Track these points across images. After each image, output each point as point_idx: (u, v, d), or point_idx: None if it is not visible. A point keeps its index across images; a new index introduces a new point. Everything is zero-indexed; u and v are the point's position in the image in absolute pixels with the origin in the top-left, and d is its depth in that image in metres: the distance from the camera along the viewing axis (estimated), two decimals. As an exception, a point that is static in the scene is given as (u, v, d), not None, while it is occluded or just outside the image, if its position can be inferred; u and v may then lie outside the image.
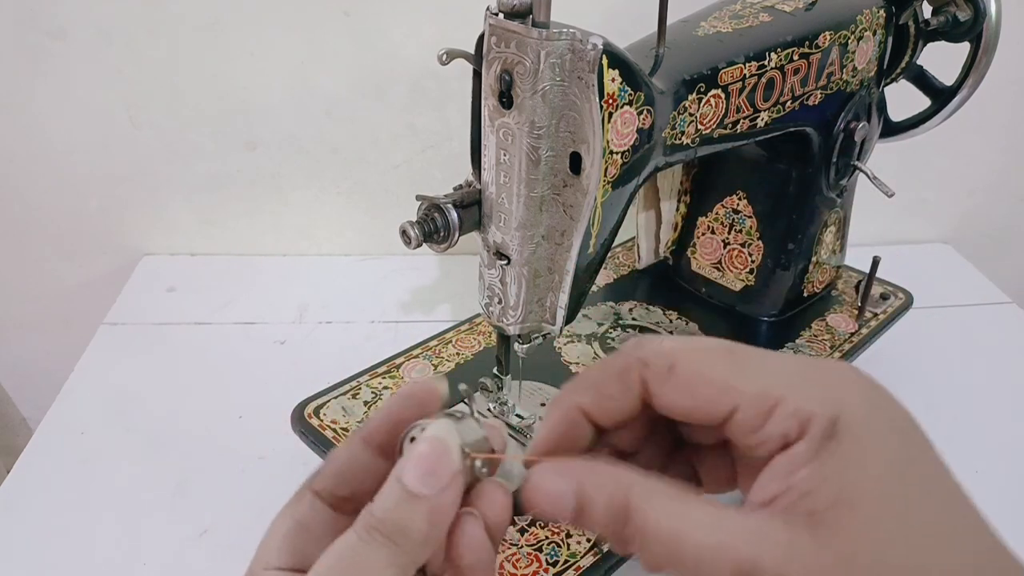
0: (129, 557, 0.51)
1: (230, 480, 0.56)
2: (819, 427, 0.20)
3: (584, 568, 0.42)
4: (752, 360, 0.23)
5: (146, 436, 0.60)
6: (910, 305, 0.65)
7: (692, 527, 0.21)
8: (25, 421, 0.93)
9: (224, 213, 0.81)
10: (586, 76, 0.33)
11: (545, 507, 0.23)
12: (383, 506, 0.23)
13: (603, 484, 0.22)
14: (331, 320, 0.74)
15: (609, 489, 0.22)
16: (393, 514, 0.22)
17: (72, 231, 0.80)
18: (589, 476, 0.23)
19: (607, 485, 0.22)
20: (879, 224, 0.84)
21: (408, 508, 0.22)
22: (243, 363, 0.68)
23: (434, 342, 0.59)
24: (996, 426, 0.64)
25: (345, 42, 0.72)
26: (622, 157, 0.37)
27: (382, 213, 0.82)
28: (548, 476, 0.23)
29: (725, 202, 0.62)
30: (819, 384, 0.22)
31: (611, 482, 0.22)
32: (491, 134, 0.36)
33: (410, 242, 0.38)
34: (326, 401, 0.52)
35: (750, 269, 0.62)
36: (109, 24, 0.69)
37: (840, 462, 0.20)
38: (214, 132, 0.76)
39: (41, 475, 0.57)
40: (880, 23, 0.54)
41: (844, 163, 0.57)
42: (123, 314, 0.74)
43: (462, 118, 0.39)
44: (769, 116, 0.48)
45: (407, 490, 0.22)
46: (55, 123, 0.74)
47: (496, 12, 0.33)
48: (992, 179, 0.88)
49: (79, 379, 0.66)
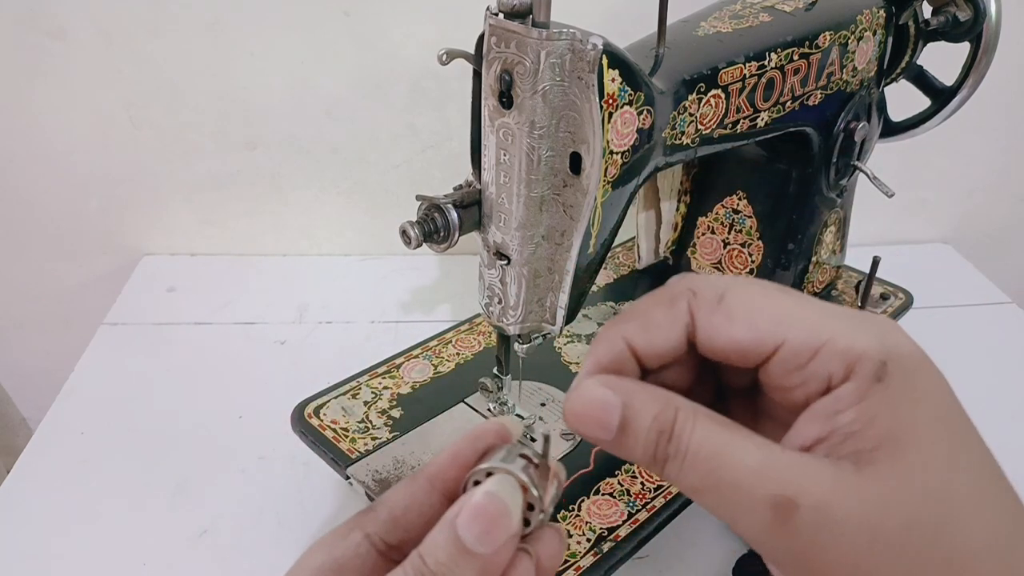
0: (129, 557, 0.51)
1: (230, 480, 0.56)
2: (869, 368, 0.20)
3: (584, 568, 0.42)
4: (802, 299, 0.22)
5: (146, 436, 0.60)
6: (910, 305, 0.65)
7: (735, 450, 0.20)
8: (25, 421, 0.93)
9: (224, 213, 0.81)
10: (586, 76, 0.33)
11: (590, 418, 0.22)
12: (436, 557, 0.22)
13: (652, 400, 0.22)
14: (331, 320, 0.74)
15: (658, 406, 0.22)
16: (445, 567, 0.22)
17: (72, 231, 0.80)
18: (638, 392, 0.22)
19: (656, 402, 0.22)
20: (879, 224, 0.84)
21: (462, 561, 0.22)
22: (243, 363, 0.68)
23: (434, 342, 0.59)
24: (996, 426, 0.63)
25: (345, 42, 0.72)
26: (622, 157, 0.37)
27: (382, 213, 0.82)
28: (597, 387, 0.22)
29: (725, 202, 0.62)
30: (869, 329, 0.21)
31: (660, 400, 0.22)
32: (491, 134, 0.36)
33: (410, 242, 0.38)
34: (326, 401, 0.52)
35: (750, 269, 0.62)
36: (109, 24, 0.69)
37: (889, 404, 0.20)
38: (214, 132, 0.76)
39: (41, 475, 0.57)
40: (880, 23, 0.54)
41: (844, 163, 0.57)
42: (123, 314, 0.74)
43: (462, 118, 0.39)
44: (769, 116, 0.48)
45: (462, 544, 0.22)
46: (55, 123, 0.74)
47: (496, 12, 0.33)
48: (992, 179, 0.88)
49: (79, 379, 0.66)
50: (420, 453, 0.48)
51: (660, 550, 0.51)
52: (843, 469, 0.19)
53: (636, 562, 0.49)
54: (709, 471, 0.20)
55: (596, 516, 0.45)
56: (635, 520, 0.45)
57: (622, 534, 0.44)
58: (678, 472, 0.21)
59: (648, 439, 0.22)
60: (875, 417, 0.20)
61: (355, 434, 0.50)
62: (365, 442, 0.49)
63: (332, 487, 0.55)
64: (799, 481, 0.19)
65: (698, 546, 0.52)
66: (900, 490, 0.19)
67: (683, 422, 0.21)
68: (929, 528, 0.19)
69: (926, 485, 0.19)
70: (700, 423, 0.21)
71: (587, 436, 0.22)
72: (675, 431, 0.21)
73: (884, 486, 0.19)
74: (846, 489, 0.19)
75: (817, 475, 0.19)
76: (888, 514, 0.19)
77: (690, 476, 0.21)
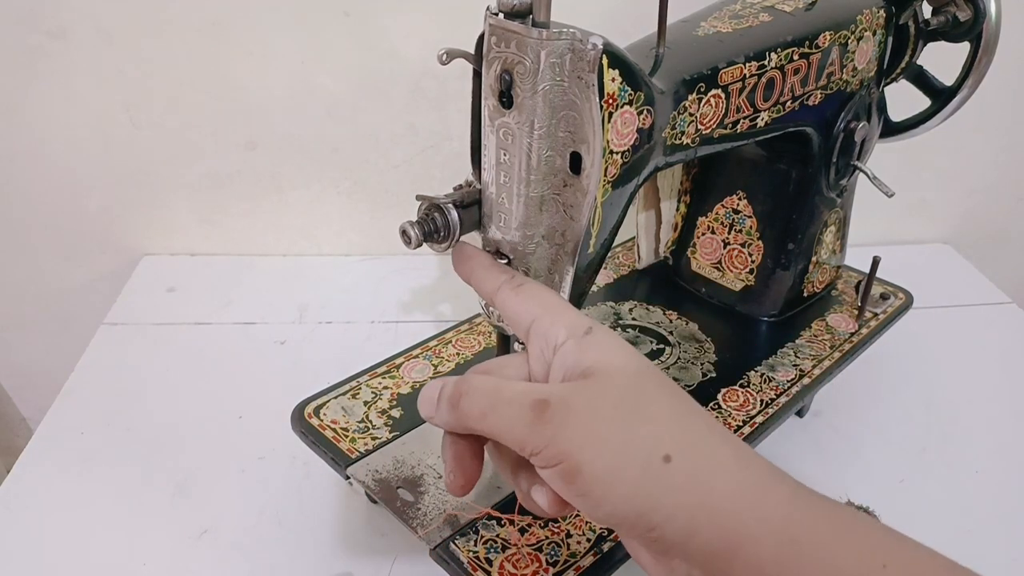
0: (129, 557, 0.51)
1: (230, 480, 0.56)
2: (580, 330, 0.32)
3: (584, 568, 0.42)
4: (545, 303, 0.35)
5: (146, 436, 0.60)
6: (910, 305, 0.65)
7: (505, 382, 0.32)
8: (25, 421, 0.93)
9: (224, 213, 0.81)
10: (586, 76, 0.33)
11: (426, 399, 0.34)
12: None
13: (451, 382, 0.33)
14: (331, 320, 0.74)
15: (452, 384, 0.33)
16: None
17: (72, 231, 0.80)
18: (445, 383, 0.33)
19: (449, 384, 0.33)
20: (879, 224, 0.84)
21: None
22: (243, 363, 0.68)
23: (434, 342, 0.59)
24: (996, 426, 0.64)
25: (345, 42, 0.72)
26: (622, 157, 0.37)
27: (382, 213, 0.82)
28: (432, 384, 0.34)
29: (725, 202, 0.62)
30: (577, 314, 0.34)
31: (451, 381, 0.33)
32: (491, 134, 0.36)
33: (410, 242, 0.38)
34: (326, 401, 0.52)
35: (750, 269, 0.62)
36: (109, 24, 0.69)
37: (597, 346, 0.31)
38: (214, 132, 0.76)
39: (41, 475, 0.57)
40: (880, 23, 0.54)
41: (844, 163, 0.57)
42: (123, 314, 0.74)
43: (462, 118, 0.39)
44: (769, 116, 0.48)
45: None
46: (55, 123, 0.74)
47: (496, 12, 0.33)
48: (992, 179, 0.88)
49: (79, 379, 0.66)
50: (420, 453, 0.48)
51: (660, 550, 0.51)
52: (574, 382, 0.30)
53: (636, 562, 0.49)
54: (488, 396, 0.31)
55: (596, 516, 0.45)
56: (635, 520, 0.45)
57: (622, 534, 0.44)
58: (469, 404, 0.31)
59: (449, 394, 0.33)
60: (587, 351, 0.31)
61: (355, 434, 0.50)
62: (365, 442, 0.49)
63: (332, 487, 0.55)
64: (548, 391, 0.30)
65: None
66: (609, 386, 0.30)
67: (466, 379, 0.33)
68: (630, 404, 0.29)
69: (626, 382, 0.30)
70: (475, 376, 0.33)
71: (424, 412, 0.34)
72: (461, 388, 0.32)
73: (599, 385, 0.30)
74: (577, 390, 0.30)
75: (559, 387, 0.30)
76: (604, 399, 0.29)
77: (478, 403, 0.31)
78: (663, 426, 0.29)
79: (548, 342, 0.32)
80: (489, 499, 0.45)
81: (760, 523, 0.27)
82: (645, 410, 0.29)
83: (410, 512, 0.44)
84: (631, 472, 0.28)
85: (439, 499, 0.45)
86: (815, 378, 0.56)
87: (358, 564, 0.50)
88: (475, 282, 0.38)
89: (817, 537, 0.27)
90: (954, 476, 0.59)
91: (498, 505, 0.45)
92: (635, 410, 0.29)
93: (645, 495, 0.27)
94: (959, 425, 0.63)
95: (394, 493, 0.45)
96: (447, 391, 0.32)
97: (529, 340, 0.33)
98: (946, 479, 0.58)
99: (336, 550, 0.51)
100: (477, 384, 0.31)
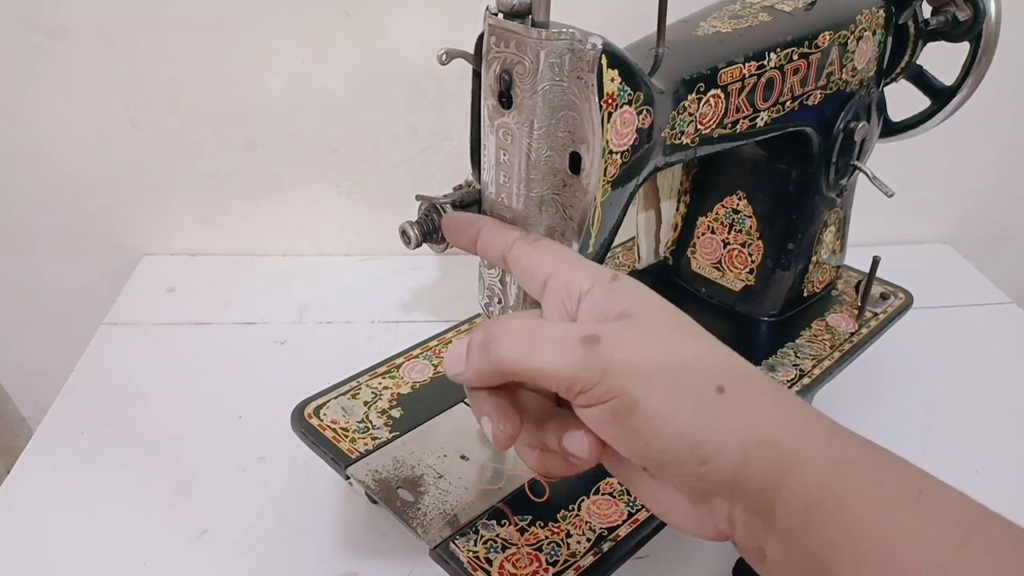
0: (129, 557, 0.51)
1: (230, 480, 0.56)
2: (606, 278, 0.31)
3: (584, 568, 0.42)
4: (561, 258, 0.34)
5: (146, 436, 0.60)
6: (910, 305, 0.65)
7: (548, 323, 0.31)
8: (25, 421, 0.93)
9: (224, 213, 0.81)
10: (586, 76, 0.33)
11: (454, 357, 0.32)
12: None
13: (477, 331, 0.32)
14: (331, 320, 0.74)
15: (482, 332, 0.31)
16: None
17: (72, 231, 0.80)
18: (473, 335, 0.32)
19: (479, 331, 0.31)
20: (879, 224, 0.84)
21: None
22: (243, 363, 0.68)
23: (434, 342, 0.59)
24: (996, 426, 0.64)
25: (345, 42, 0.72)
26: (622, 157, 0.37)
27: (382, 213, 0.82)
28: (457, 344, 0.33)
29: (725, 202, 0.62)
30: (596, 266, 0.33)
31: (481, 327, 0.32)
32: (491, 134, 0.36)
33: (410, 242, 0.38)
34: (326, 401, 0.52)
35: (750, 269, 0.62)
36: (109, 24, 0.69)
37: (625, 291, 0.31)
38: (214, 132, 0.76)
39: (41, 475, 0.57)
40: (880, 23, 0.54)
41: (844, 163, 0.57)
42: (123, 314, 0.74)
43: (462, 118, 0.39)
44: (769, 116, 0.48)
45: None
46: (55, 123, 0.74)
47: (496, 12, 0.33)
48: (992, 179, 0.88)
49: (79, 379, 0.66)
50: (420, 453, 0.48)
51: (660, 550, 0.51)
52: (615, 322, 0.30)
53: (636, 562, 0.49)
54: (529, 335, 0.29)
55: (596, 516, 0.45)
56: (635, 520, 0.45)
57: (622, 534, 0.44)
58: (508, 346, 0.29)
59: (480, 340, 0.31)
60: (618, 296, 0.30)
61: (355, 434, 0.50)
62: (365, 442, 0.49)
63: (332, 487, 0.55)
64: (595, 329, 0.29)
65: (698, 546, 0.52)
66: (653, 323, 0.30)
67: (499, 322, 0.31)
68: (677, 338, 0.30)
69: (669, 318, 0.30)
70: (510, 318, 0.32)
71: (452, 370, 0.32)
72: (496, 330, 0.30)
73: (644, 323, 0.29)
74: (622, 327, 0.29)
75: (603, 325, 0.29)
76: (653, 334, 0.29)
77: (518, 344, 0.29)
78: (713, 359, 0.29)
79: (571, 292, 0.31)
80: (489, 499, 0.45)
81: (807, 448, 0.27)
82: (693, 344, 0.30)
83: (410, 512, 0.44)
84: (686, 404, 0.27)
85: (439, 499, 0.45)
86: (815, 378, 0.56)
87: (358, 564, 0.50)
88: (483, 242, 0.36)
89: (858, 463, 0.27)
90: (954, 476, 0.58)
91: (497, 505, 0.45)
92: (683, 344, 0.29)
93: (700, 427, 0.27)
94: (959, 425, 0.63)
95: (394, 493, 0.45)
96: (478, 337, 0.31)
97: (546, 294, 0.33)
98: (946, 479, 0.58)
99: (336, 550, 0.51)
100: (513, 326, 0.30)
